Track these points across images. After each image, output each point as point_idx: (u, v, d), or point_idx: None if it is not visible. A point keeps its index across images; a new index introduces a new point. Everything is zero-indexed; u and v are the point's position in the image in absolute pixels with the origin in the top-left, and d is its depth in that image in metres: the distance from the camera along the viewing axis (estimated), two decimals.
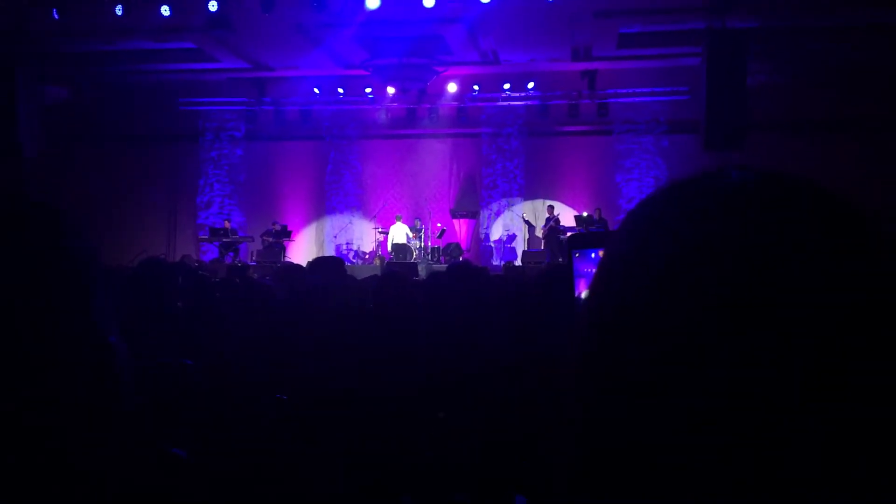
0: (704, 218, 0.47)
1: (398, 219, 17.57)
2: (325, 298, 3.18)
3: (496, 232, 18.59)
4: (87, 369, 0.94)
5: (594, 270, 0.53)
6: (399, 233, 17.26)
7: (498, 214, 18.60)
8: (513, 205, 18.49)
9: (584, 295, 0.59)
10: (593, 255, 1.13)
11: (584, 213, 16.55)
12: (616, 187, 17.96)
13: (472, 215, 18.66)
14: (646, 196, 0.54)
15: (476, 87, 17.86)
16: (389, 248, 17.11)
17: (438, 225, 17.84)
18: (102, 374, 0.92)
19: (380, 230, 17.83)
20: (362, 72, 16.65)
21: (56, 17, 12.83)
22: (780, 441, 0.41)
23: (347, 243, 19.01)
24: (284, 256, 17.14)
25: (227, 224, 17.78)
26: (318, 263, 4.60)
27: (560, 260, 13.21)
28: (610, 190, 17.92)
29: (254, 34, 14.43)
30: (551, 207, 17.13)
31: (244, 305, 3.41)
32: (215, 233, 17.43)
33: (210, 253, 18.35)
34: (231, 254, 17.23)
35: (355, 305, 3.35)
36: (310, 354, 2.80)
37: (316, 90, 18.20)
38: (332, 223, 19.21)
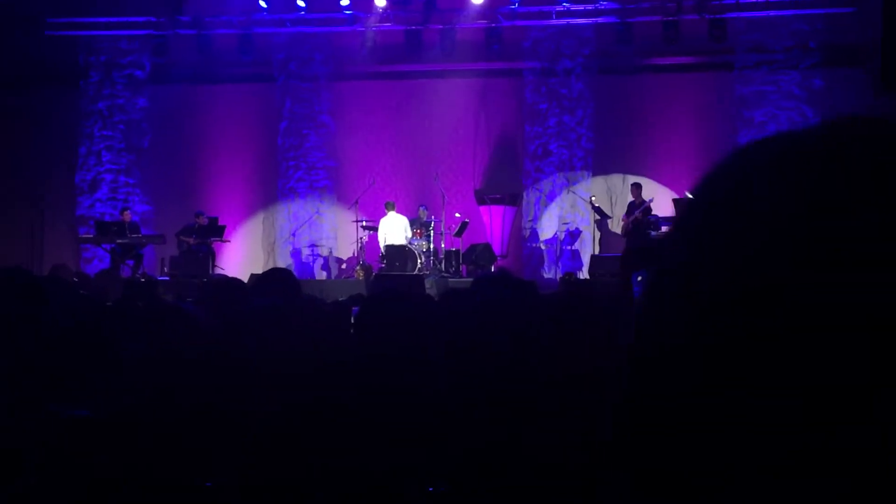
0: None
1: (391, 207, 17.52)
2: (278, 332, 3.22)
3: (549, 226, 18.52)
4: None
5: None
6: (394, 228, 17.22)
7: (552, 198, 18.53)
8: (575, 183, 18.40)
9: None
10: None
11: (689, 196, 16.29)
12: None
13: (511, 200, 18.53)
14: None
15: None
16: (381, 253, 17.06)
17: (457, 215, 17.77)
18: None
19: (364, 224, 17.79)
20: None
21: None
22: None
23: (312, 246, 18.99)
24: (214, 267, 17.16)
25: (124, 216, 17.77)
26: (270, 278, 4.83)
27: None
28: None
29: None
30: (637, 187, 17.07)
31: (150, 341, 3.46)
32: (105, 230, 17.44)
33: (98, 261, 18.34)
34: (130, 262, 17.24)
35: (323, 345, 3.36)
36: (251, 418, 2.88)
37: (262, 2, 18.20)
38: (288, 214, 19.20)
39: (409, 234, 17.18)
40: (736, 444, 0.63)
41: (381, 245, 17.17)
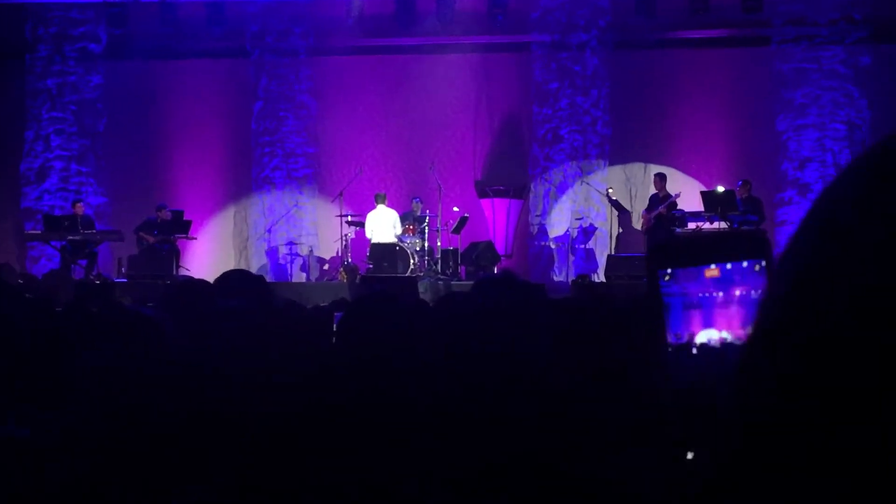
0: None
1: (381, 199, 17.34)
2: (250, 339, 3.50)
3: (559, 222, 18.40)
4: None
5: (710, 294, 0.86)
6: (382, 224, 17.00)
7: (563, 191, 18.41)
8: (590, 173, 18.28)
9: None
10: (710, 274, 1.35)
11: (720, 188, 16.29)
12: (777, 140, 17.68)
13: (517, 193, 18.46)
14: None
15: None
16: (368, 253, 16.88)
17: (455, 209, 17.68)
18: None
19: (350, 219, 17.65)
20: None
21: None
22: None
23: (290, 244, 18.86)
24: (178, 267, 17.04)
25: (76, 210, 17.60)
26: (231, 280, 4.98)
27: None
28: (766, 146, 17.67)
29: None
30: (661, 178, 16.95)
31: (105, 351, 3.54)
32: (55, 225, 17.22)
33: (46, 260, 18.30)
34: (83, 262, 17.17)
35: (302, 353, 3.67)
36: (222, 436, 3.04)
37: None
38: (263, 208, 19.10)
39: (399, 231, 17.01)
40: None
41: (370, 238, 17.09)
